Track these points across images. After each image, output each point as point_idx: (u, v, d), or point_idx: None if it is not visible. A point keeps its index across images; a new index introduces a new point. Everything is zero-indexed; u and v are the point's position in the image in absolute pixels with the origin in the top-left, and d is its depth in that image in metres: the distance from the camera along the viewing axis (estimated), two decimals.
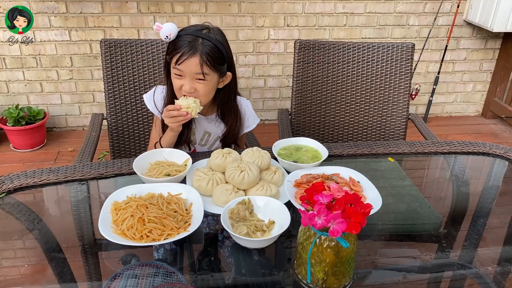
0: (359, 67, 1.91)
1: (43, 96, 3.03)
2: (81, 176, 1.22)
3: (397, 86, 1.92)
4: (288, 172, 1.24)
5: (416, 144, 1.45)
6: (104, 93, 1.80)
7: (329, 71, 1.90)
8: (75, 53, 2.93)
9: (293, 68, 1.89)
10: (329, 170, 1.23)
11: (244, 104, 1.50)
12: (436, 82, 3.29)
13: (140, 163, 1.22)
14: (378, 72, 1.91)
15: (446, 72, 3.41)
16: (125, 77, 1.79)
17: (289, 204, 1.08)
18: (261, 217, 1.07)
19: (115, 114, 1.81)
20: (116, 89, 1.80)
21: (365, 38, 3.18)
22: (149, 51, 1.78)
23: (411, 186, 1.29)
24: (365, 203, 0.98)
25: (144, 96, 1.48)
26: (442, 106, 3.56)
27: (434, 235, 1.12)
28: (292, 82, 1.89)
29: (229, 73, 1.36)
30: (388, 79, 1.91)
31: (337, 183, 1.16)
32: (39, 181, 1.18)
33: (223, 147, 1.45)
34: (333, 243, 0.84)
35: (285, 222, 1.00)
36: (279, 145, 1.33)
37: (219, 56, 1.28)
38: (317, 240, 0.84)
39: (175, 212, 1.05)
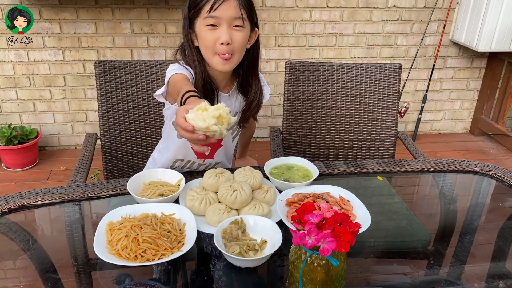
0: (348, 87, 1.96)
1: (36, 115, 3.05)
2: (76, 196, 1.23)
3: (385, 105, 1.96)
4: (280, 191, 1.26)
5: (404, 162, 1.49)
6: (98, 114, 1.82)
7: (319, 91, 1.95)
8: (68, 73, 2.96)
9: (284, 88, 1.93)
10: (319, 189, 1.25)
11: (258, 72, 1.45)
12: (424, 100, 3.36)
13: (134, 183, 1.24)
14: (367, 91, 1.96)
15: (434, 90, 3.49)
16: (119, 97, 1.81)
17: (281, 223, 1.10)
18: (253, 236, 1.09)
19: (109, 134, 1.83)
20: (110, 109, 1.82)
21: (354, 57, 3.25)
22: (142, 72, 1.82)
23: (400, 204, 1.32)
24: (354, 221, 1.01)
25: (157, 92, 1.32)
26: (431, 124, 3.63)
27: (423, 252, 1.14)
28: (283, 102, 1.93)
29: (257, 29, 1.33)
30: (376, 99, 1.96)
31: (328, 202, 1.18)
32: (34, 202, 1.20)
33: (241, 123, 1.47)
34: (323, 262, 0.86)
35: (277, 241, 1.02)
36: (270, 164, 1.36)
37: (251, 2, 1.27)
38: (308, 259, 0.86)
39: (168, 232, 1.06)
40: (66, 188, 1.26)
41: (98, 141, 1.84)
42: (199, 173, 1.37)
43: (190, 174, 1.37)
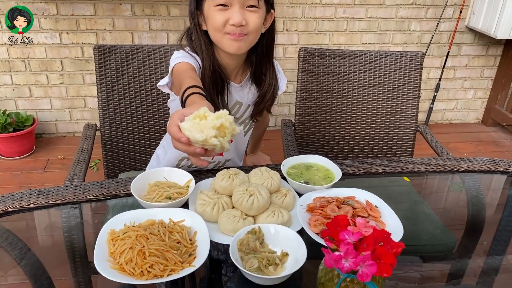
0: (365, 76, 1.83)
1: (32, 101, 2.91)
2: (74, 198, 1.11)
3: (405, 96, 1.83)
4: (298, 194, 1.15)
5: (431, 162, 1.37)
6: (97, 103, 1.69)
7: (335, 80, 1.81)
8: (66, 57, 2.81)
9: (297, 77, 1.80)
10: (343, 192, 1.14)
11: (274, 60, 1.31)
12: (437, 89, 3.22)
13: (138, 184, 1.12)
14: (385, 81, 1.83)
15: (447, 78, 3.35)
16: (120, 86, 1.68)
17: (301, 231, 0.99)
18: (272, 247, 0.97)
19: (109, 125, 1.70)
20: (110, 99, 1.69)
21: (366, 43, 3.10)
22: (145, 58, 1.68)
23: (424, 205, 1.21)
24: (385, 231, 0.90)
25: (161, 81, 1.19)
26: (442, 113, 3.50)
27: (447, 257, 1.05)
28: (296, 92, 1.80)
29: (272, 11, 1.20)
30: (396, 89, 1.83)
31: (354, 208, 1.07)
32: (27, 205, 1.08)
33: (253, 116, 1.34)
34: (360, 285, 0.75)
35: (301, 256, 0.90)
36: (288, 164, 1.24)
37: None
38: (342, 283, 0.75)
39: (178, 243, 0.95)
40: (63, 189, 1.14)
41: (98, 132, 1.72)
42: (208, 172, 1.25)
43: (199, 173, 1.24)
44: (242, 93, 1.29)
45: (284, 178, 1.19)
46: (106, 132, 1.70)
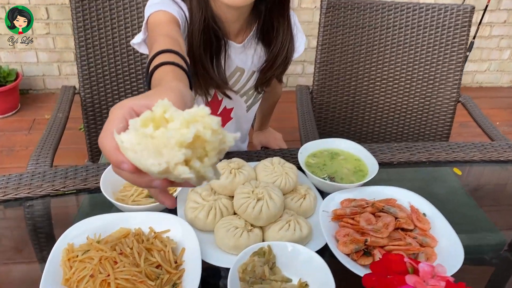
0: (401, 33, 1.50)
1: (16, 53, 2.60)
2: (28, 192, 0.85)
3: (447, 59, 1.51)
4: (320, 191, 0.88)
5: (487, 147, 1.08)
6: (76, 60, 1.41)
7: (363, 38, 1.49)
8: (51, 3, 2.47)
9: (318, 34, 1.48)
10: (380, 192, 0.87)
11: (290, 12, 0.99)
12: (470, 47, 2.84)
13: (111, 177, 0.85)
14: (424, 40, 1.50)
15: (482, 36, 2.97)
16: (102, 39, 1.38)
17: (323, 249, 0.74)
18: (287, 274, 0.72)
19: (90, 87, 1.42)
20: (91, 55, 1.40)
21: None
22: (133, 6, 1.37)
23: (469, 199, 0.95)
24: (436, 256, 0.65)
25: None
26: (472, 75, 3.15)
27: (495, 258, 0.83)
28: (316, 52, 1.49)
29: None
30: (436, 50, 1.51)
31: (397, 218, 0.80)
32: None
33: (258, 87, 1.04)
34: None
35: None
36: (306, 150, 0.96)
37: None
38: None
39: (157, 267, 0.69)
40: (15, 178, 0.88)
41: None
42: None
43: None
44: (245, 55, 0.99)
45: (300, 168, 0.92)
46: (87, 96, 1.42)
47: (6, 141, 2.25)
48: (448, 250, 0.76)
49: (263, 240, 0.77)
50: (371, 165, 0.91)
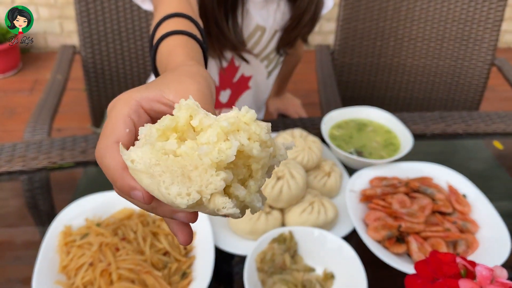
0: None
1: None
2: (23, 165, 0.77)
3: (483, 16, 1.37)
4: (346, 167, 0.79)
5: None
6: (75, 17, 1.29)
7: None
8: None
9: None
10: (414, 169, 0.77)
11: None
12: None
13: None
14: None
15: None
16: None
17: (351, 235, 0.65)
18: (309, 263, 0.64)
19: (92, 47, 1.31)
20: (92, 10, 1.28)
21: None
22: None
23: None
24: (477, 246, 0.57)
25: None
26: (510, 35, 2.94)
27: None
28: (339, 9, 1.35)
29: None
30: (471, 7, 1.36)
31: (434, 200, 0.71)
32: None
33: (281, 48, 0.91)
34: None
35: (356, 280, 0.57)
36: (330, 121, 0.85)
37: None
38: None
39: (165, 254, 0.62)
40: (9, 148, 0.79)
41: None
42: None
43: None
44: (266, 11, 0.86)
45: (323, 141, 0.82)
46: (89, 56, 1.32)
47: (7, 102, 2.16)
48: (492, 237, 0.67)
49: (283, 224, 0.69)
50: (404, 138, 0.81)
